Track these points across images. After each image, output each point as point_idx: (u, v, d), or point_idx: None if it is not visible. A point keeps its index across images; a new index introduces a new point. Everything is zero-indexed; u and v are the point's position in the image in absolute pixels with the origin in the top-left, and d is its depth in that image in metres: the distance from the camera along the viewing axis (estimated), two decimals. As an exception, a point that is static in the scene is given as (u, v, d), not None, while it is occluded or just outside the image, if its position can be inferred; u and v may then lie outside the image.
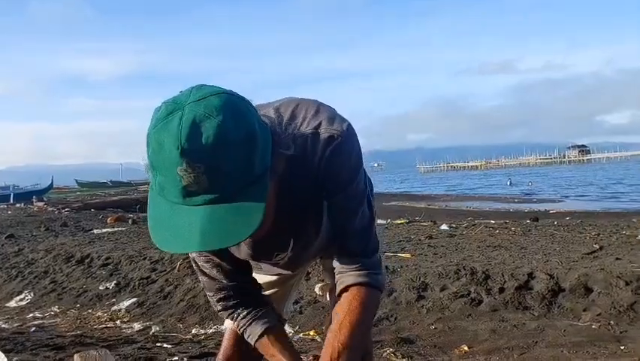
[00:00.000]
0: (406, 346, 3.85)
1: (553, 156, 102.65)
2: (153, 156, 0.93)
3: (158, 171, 0.94)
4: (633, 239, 6.26)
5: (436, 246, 6.28)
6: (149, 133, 0.94)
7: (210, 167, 0.90)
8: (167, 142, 0.90)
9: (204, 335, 4.35)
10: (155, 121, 0.93)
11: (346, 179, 1.15)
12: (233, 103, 0.95)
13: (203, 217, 0.92)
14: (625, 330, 3.80)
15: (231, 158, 0.91)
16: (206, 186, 0.91)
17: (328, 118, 1.14)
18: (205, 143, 0.89)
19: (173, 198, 0.94)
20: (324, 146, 1.11)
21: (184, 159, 0.89)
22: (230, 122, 0.91)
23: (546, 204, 18.73)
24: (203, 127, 0.89)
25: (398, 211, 14.66)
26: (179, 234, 0.93)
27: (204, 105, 0.91)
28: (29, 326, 4.88)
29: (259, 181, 0.96)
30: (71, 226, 10.94)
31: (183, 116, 0.90)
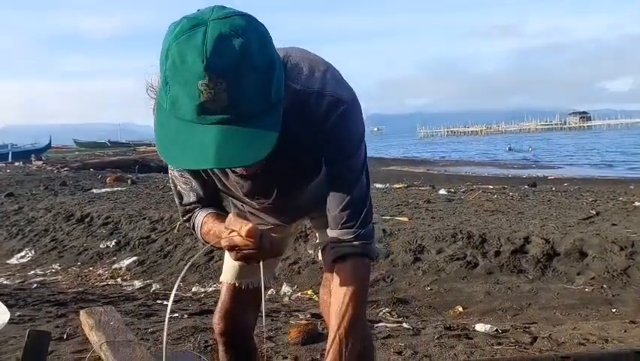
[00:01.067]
0: (402, 306, 3.93)
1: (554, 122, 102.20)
2: (172, 69, 0.92)
3: (175, 84, 0.92)
4: (630, 205, 6.30)
5: (433, 210, 6.32)
6: (169, 45, 0.92)
7: (232, 85, 0.90)
8: (191, 55, 0.89)
9: (204, 293, 4.43)
10: (177, 33, 0.92)
11: (350, 149, 1.15)
12: (257, 27, 0.95)
13: (217, 135, 0.92)
14: (617, 293, 3.87)
15: (252, 79, 0.92)
16: (224, 105, 0.91)
17: (336, 81, 1.14)
18: (230, 59, 0.89)
19: (186, 114, 0.93)
20: (329, 109, 1.10)
21: (208, 72, 0.88)
22: (255, 43, 0.92)
23: (545, 170, 18.77)
24: (229, 43, 0.90)
25: (397, 175, 14.69)
26: (192, 151, 0.93)
27: (230, 23, 0.92)
28: (31, 282, 4.95)
29: (274, 109, 0.96)
30: (70, 186, 10.96)
31: (208, 31, 0.90)
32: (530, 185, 10.04)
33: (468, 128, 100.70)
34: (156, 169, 16.72)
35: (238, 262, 1.51)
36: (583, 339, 2.84)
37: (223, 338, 1.54)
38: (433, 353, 2.57)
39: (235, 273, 1.52)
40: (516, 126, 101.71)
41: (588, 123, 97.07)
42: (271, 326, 3.02)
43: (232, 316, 1.52)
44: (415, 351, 2.59)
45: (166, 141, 0.97)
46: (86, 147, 41.80)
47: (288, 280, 4.55)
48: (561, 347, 2.69)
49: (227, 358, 1.57)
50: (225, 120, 0.92)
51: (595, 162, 23.02)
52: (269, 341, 2.71)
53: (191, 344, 2.67)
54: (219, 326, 1.53)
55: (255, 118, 0.94)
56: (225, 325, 1.52)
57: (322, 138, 1.12)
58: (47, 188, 10.56)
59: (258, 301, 1.61)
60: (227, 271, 1.55)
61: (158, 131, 0.98)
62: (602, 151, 29.19)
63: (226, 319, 1.52)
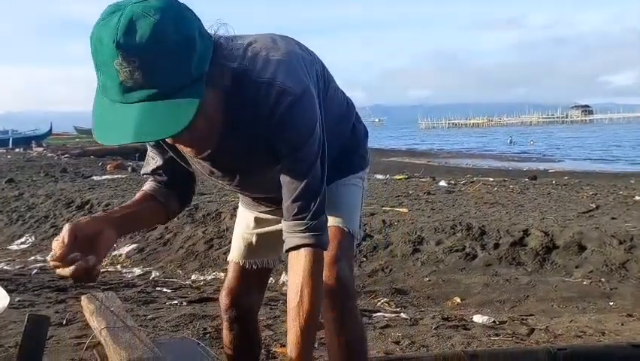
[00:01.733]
0: (400, 296, 3.94)
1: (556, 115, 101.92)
2: (95, 54, 0.98)
3: (100, 68, 0.99)
4: (630, 199, 6.30)
5: (433, 201, 6.33)
6: (92, 31, 0.99)
7: (144, 62, 0.95)
8: (105, 37, 0.96)
9: (203, 281, 4.45)
10: (98, 20, 0.99)
11: (298, 141, 1.15)
12: (174, 7, 1.00)
13: (138, 112, 0.98)
14: (615, 287, 3.89)
15: (166, 56, 0.96)
16: (141, 82, 0.96)
17: (288, 72, 1.14)
18: (140, 39, 0.95)
19: (113, 95, 0.99)
20: (277, 100, 1.12)
21: (119, 51, 0.94)
22: (168, 22, 0.96)
23: (545, 163, 18.76)
24: (140, 24, 0.95)
25: (398, 167, 14.68)
26: (116, 127, 1.00)
27: (144, 5, 0.97)
28: (31, 268, 4.96)
29: (194, 84, 1.00)
30: (71, 172, 10.97)
31: (123, 14, 0.96)
32: (531, 178, 10.04)
33: (469, 121, 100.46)
34: (157, 157, 16.69)
35: (244, 242, 1.55)
36: (580, 332, 2.86)
37: (228, 314, 1.57)
38: (431, 343, 2.58)
39: (240, 253, 1.57)
40: (517, 119, 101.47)
41: (590, 117, 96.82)
42: (269, 314, 3.04)
43: (237, 294, 1.56)
44: (412, 341, 2.60)
45: (97, 120, 1.04)
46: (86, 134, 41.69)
47: (287, 268, 4.56)
48: (558, 339, 2.71)
49: (230, 336, 1.60)
50: (146, 97, 0.98)
51: (596, 155, 22.99)
52: (267, 329, 2.72)
53: (189, 331, 2.68)
54: (224, 302, 1.57)
55: (176, 93, 0.99)
56: (230, 301, 1.56)
57: (271, 129, 1.14)
58: (48, 174, 10.56)
59: (262, 284, 1.64)
60: (233, 250, 1.59)
61: (94, 111, 1.05)
62: (604, 145, 29.14)
63: (231, 296, 1.56)
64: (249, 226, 1.56)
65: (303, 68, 1.21)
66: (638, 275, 3.99)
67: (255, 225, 1.55)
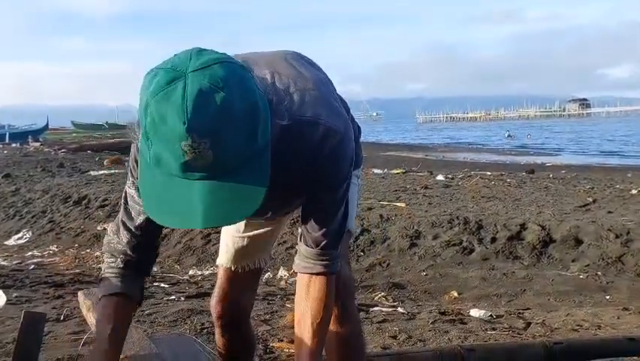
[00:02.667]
0: (397, 291, 3.95)
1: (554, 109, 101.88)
2: (152, 128, 0.87)
3: (156, 142, 0.88)
4: (627, 193, 6.32)
5: (431, 196, 6.33)
6: (146, 101, 0.87)
7: (216, 142, 0.86)
8: (171, 115, 0.84)
9: (201, 276, 4.45)
10: (154, 89, 0.86)
11: (337, 181, 1.14)
12: (237, 74, 0.90)
13: (203, 193, 0.88)
14: (612, 281, 3.90)
15: (236, 132, 0.87)
16: (209, 161, 0.87)
17: (329, 109, 1.12)
18: (212, 117, 0.85)
19: (171, 170, 0.89)
20: (322, 138, 1.09)
21: (190, 134, 0.84)
22: (236, 94, 0.87)
23: (543, 157, 18.78)
24: (211, 100, 0.85)
25: (395, 161, 14.68)
26: (178, 209, 0.90)
27: (209, 75, 0.86)
28: (28, 263, 4.96)
29: (261, 154, 0.93)
30: (68, 167, 10.94)
31: (187, 86, 0.85)
32: (528, 172, 10.05)
33: (467, 114, 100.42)
34: (154, 152, 16.65)
35: (234, 245, 1.53)
36: (576, 325, 2.87)
37: (220, 322, 1.56)
38: (428, 337, 2.59)
39: (230, 257, 1.53)
40: (515, 113, 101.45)
41: (587, 110, 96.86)
42: (267, 309, 3.04)
43: (229, 300, 1.54)
44: (409, 335, 2.61)
45: (152, 196, 0.94)
46: (83, 129, 41.60)
47: (285, 263, 4.57)
48: (554, 333, 2.72)
49: (223, 341, 1.59)
50: (211, 175, 0.89)
51: (593, 149, 23.02)
52: (265, 324, 2.73)
53: (187, 326, 2.69)
54: (216, 309, 1.54)
55: (242, 168, 0.91)
56: (222, 308, 1.54)
57: (314, 167, 1.11)
58: (45, 169, 10.53)
59: (254, 284, 1.63)
60: (222, 255, 1.55)
61: (143, 184, 0.95)
62: (601, 138, 29.17)
63: (223, 302, 1.54)
64: (240, 230, 1.52)
65: (333, 93, 1.20)
66: (634, 269, 4.01)
67: (246, 228, 1.52)
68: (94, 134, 31.20)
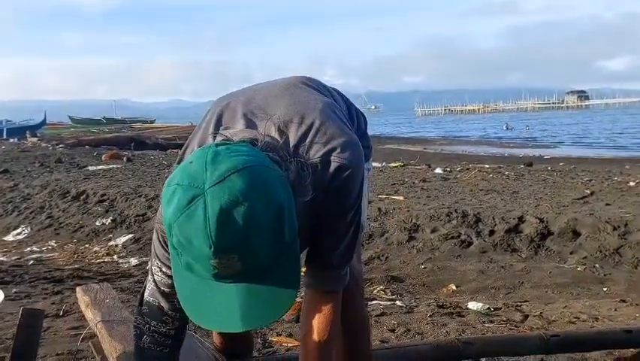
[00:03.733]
0: (396, 284, 3.96)
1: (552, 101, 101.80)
2: (180, 246, 0.89)
3: (186, 257, 0.89)
4: (625, 185, 6.33)
5: (429, 189, 6.34)
6: (169, 223, 0.88)
7: (244, 253, 0.87)
8: (196, 239, 0.85)
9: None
10: (175, 210, 0.87)
11: (349, 207, 1.14)
12: (257, 179, 0.88)
13: (240, 296, 0.90)
14: (609, 273, 3.92)
15: (263, 238, 0.88)
16: (240, 269, 0.88)
17: (339, 142, 1.11)
18: (237, 234, 0.85)
19: (203, 275, 0.90)
20: (334, 174, 1.09)
21: (217, 254, 0.85)
22: (259, 204, 0.86)
23: (541, 149, 18.78)
24: (232, 218, 0.84)
25: (393, 154, 14.67)
26: (217, 311, 0.91)
27: (228, 190, 0.85)
28: (27, 259, 4.96)
29: (290, 249, 0.93)
30: (66, 163, 10.92)
31: (207, 206, 0.84)
32: (526, 164, 10.06)
33: (465, 107, 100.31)
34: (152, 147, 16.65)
35: None
36: (573, 317, 2.88)
37: None
38: (426, 330, 2.60)
39: None
40: (514, 105, 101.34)
41: (586, 102, 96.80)
42: (266, 303, 3.05)
43: None
44: (407, 329, 2.62)
45: (188, 297, 0.94)
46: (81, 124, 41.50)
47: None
48: (552, 325, 2.73)
49: (220, 338, 1.60)
50: (244, 279, 0.90)
51: (591, 141, 23.03)
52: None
53: (186, 321, 2.69)
54: None
55: (274, 266, 0.91)
56: None
57: (325, 201, 1.11)
58: (43, 165, 10.52)
59: None
60: None
61: (178, 285, 0.96)
62: (599, 130, 29.18)
63: None
64: None
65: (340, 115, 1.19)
66: (631, 261, 4.02)
67: None
68: (91, 129, 31.13)
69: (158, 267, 1.15)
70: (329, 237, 1.16)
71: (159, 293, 1.16)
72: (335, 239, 1.17)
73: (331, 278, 1.19)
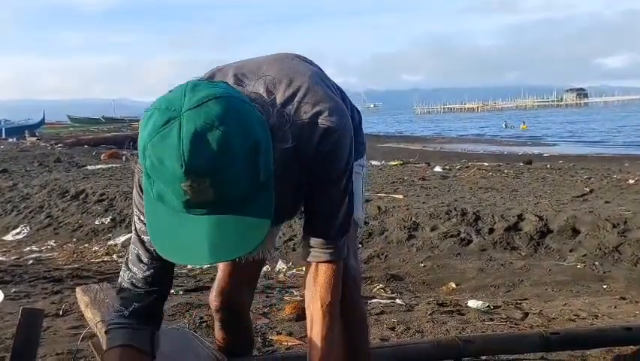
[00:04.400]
0: (396, 282, 3.97)
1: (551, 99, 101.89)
2: (152, 170, 0.88)
3: (158, 182, 0.89)
4: (624, 183, 6.33)
5: (428, 187, 6.34)
6: (144, 144, 0.88)
7: (216, 180, 0.86)
8: (169, 159, 0.85)
9: (199, 269, 4.45)
10: (150, 131, 0.87)
11: (337, 173, 1.14)
12: (234, 109, 0.88)
13: (208, 228, 0.89)
14: (609, 270, 3.92)
15: (237, 168, 0.87)
16: (211, 198, 0.87)
17: (326, 106, 1.12)
18: (210, 157, 0.84)
19: (175, 207, 0.90)
20: (321, 138, 1.09)
21: (188, 175, 0.84)
22: (234, 131, 0.86)
23: (540, 147, 18.80)
24: (206, 140, 0.84)
25: (393, 152, 14.68)
26: (185, 245, 0.90)
27: (204, 114, 0.85)
28: (26, 259, 4.96)
29: (265, 187, 0.93)
30: (65, 162, 10.92)
31: (182, 127, 0.84)
32: (526, 162, 10.07)
33: (464, 105, 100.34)
34: (151, 146, 16.60)
35: None
36: (573, 315, 2.88)
37: (219, 315, 1.57)
38: (426, 328, 2.60)
39: None
40: (513, 103, 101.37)
41: (585, 100, 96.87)
42: (266, 302, 3.05)
43: (228, 293, 1.54)
44: (407, 327, 2.62)
45: (158, 231, 0.94)
46: (80, 123, 41.48)
47: (284, 257, 4.58)
48: (552, 323, 2.73)
49: (222, 334, 1.60)
50: (215, 211, 0.89)
51: (591, 139, 23.05)
52: (263, 318, 2.73)
53: (186, 320, 2.69)
54: (215, 302, 1.55)
55: (246, 201, 0.90)
56: (221, 302, 1.54)
57: (313, 166, 1.12)
58: (41, 164, 10.51)
59: (254, 277, 1.63)
60: None
61: (149, 220, 0.96)
62: (598, 128, 29.19)
63: (222, 296, 1.54)
64: None
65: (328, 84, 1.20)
66: (631, 259, 4.02)
67: None
68: (90, 129, 31.12)
69: (137, 216, 1.14)
70: (323, 205, 1.17)
71: (139, 241, 1.14)
72: (329, 207, 1.17)
73: (330, 249, 1.19)
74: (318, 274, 1.20)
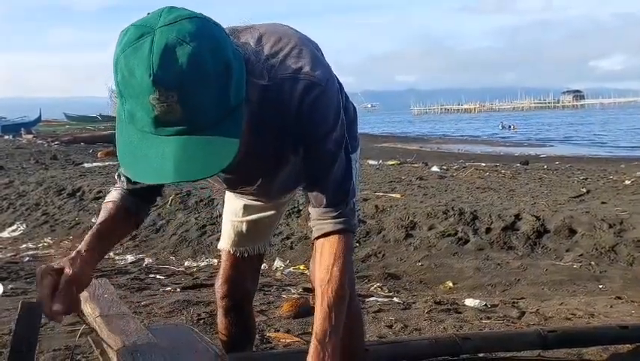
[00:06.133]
0: (393, 281, 3.98)
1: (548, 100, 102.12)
2: (123, 83, 0.89)
3: (128, 98, 0.90)
4: (620, 184, 6.36)
5: (426, 187, 6.35)
6: (117, 58, 0.89)
7: (184, 96, 0.87)
8: (138, 69, 0.86)
9: (196, 267, 4.45)
10: (124, 45, 0.88)
11: (325, 130, 1.12)
12: (208, 29, 0.90)
13: (176, 148, 0.90)
14: (605, 270, 3.94)
15: (206, 88, 0.88)
16: (179, 116, 0.88)
17: (310, 62, 1.10)
18: (179, 70, 0.85)
19: (144, 127, 0.91)
20: (303, 93, 1.07)
21: (157, 87, 0.85)
22: (206, 49, 0.87)
23: (537, 148, 18.85)
24: (177, 53, 0.85)
25: (390, 152, 14.69)
26: (152, 164, 0.91)
27: (177, 30, 0.87)
28: (23, 256, 4.95)
29: (234, 113, 0.93)
30: (61, 159, 10.88)
31: (154, 41, 0.86)
32: (522, 163, 10.09)
33: (461, 106, 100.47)
34: (148, 144, 16.57)
35: (233, 230, 1.55)
36: (570, 314, 2.89)
37: (224, 302, 1.58)
38: (423, 326, 2.61)
39: (230, 241, 1.56)
40: (509, 104, 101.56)
41: (582, 102, 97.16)
42: (263, 299, 3.05)
43: (233, 282, 1.57)
44: (405, 325, 2.62)
45: (126, 152, 0.95)
46: (76, 121, 41.35)
47: (281, 254, 4.58)
48: (548, 322, 2.74)
49: (225, 323, 1.61)
50: (183, 131, 0.90)
51: (587, 140, 23.13)
52: (261, 315, 2.74)
53: (183, 317, 2.69)
54: (221, 290, 1.57)
55: (215, 125, 0.91)
56: (227, 289, 1.57)
57: (297, 124, 1.10)
58: (38, 162, 10.48)
59: (256, 269, 1.65)
60: (223, 239, 1.58)
61: (119, 142, 0.96)
62: (595, 130, 29.30)
63: (227, 284, 1.57)
64: (237, 214, 1.54)
65: (319, 50, 1.18)
66: (627, 259, 4.04)
67: (244, 212, 1.54)
68: (87, 127, 31.03)
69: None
70: (314, 169, 1.14)
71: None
72: (320, 169, 1.14)
73: (329, 218, 1.15)
74: (322, 250, 1.16)
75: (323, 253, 1.16)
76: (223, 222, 1.59)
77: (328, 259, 1.15)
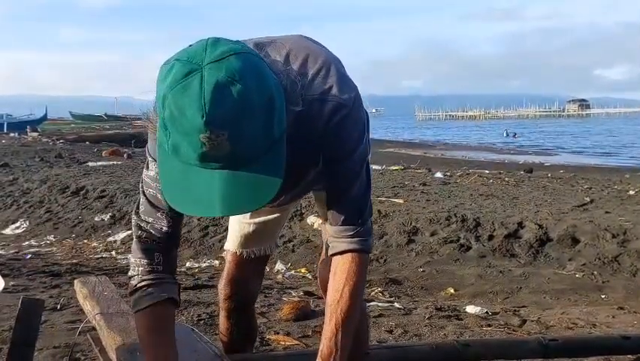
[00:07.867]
0: (394, 286, 3.96)
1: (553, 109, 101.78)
2: (171, 121, 0.89)
3: (175, 133, 0.90)
4: (624, 194, 6.33)
5: (429, 193, 6.34)
6: (164, 94, 0.89)
7: (234, 133, 0.88)
8: (190, 108, 0.86)
9: (198, 268, 4.45)
10: (171, 82, 0.88)
11: (350, 148, 1.14)
12: (254, 64, 0.91)
13: (222, 182, 0.91)
14: (607, 280, 3.92)
15: (253, 123, 0.89)
16: (227, 152, 0.89)
17: (338, 83, 1.12)
18: (230, 110, 0.87)
19: (189, 159, 0.91)
20: (331, 114, 1.10)
21: (208, 127, 0.86)
22: (253, 85, 0.89)
23: (541, 156, 18.80)
24: (228, 93, 0.86)
25: (394, 158, 14.68)
26: (198, 197, 0.92)
27: (226, 68, 0.88)
28: (25, 253, 4.96)
29: (277, 144, 0.95)
30: (66, 158, 10.92)
31: (204, 79, 0.86)
32: (526, 171, 10.06)
33: (466, 113, 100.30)
34: (153, 144, 16.63)
35: (240, 231, 1.55)
36: (571, 323, 2.88)
37: (227, 303, 1.58)
38: (423, 332, 2.60)
39: (237, 242, 1.56)
40: (515, 112, 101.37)
41: (587, 111, 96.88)
42: (264, 302, 3.05)
43: (237, 283, 1.57)
44: (405, 330, 2.62)
45: (170, 183, 0.96)
46: (82, 120, 41.52)
47: (282, 257, 4.57)
48: (549, 331, 2.73)
49: (227, 324, 1.61)
50: (229, 165, 0.91)
51: (592, 150, 23.06)
52: (261, 317, 2.73)
53: (184, 317, 2.69)
54: (225, 291, 1.57)
55: (259, 158, 0.93)
56: (231, 290, 1.57)
57: (323, 142, 1.12)
58: (43, 160, 10.51)
59: (260, 271, 1.65)
60: (229, 240, 1.58)
61: (162, 172, 0.97)
62: (600, 139, 29.21)
63: (231, 285, 1.57)
64: (245, 216, 1.54)
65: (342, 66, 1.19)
66: (630, 269, 4.02)
67: (252, 214, 1.53)
68: (92, 126, 31.14)
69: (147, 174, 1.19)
70: (337, 185, 1.16)
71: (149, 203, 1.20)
72: (344, 186, 1.15)
73: (346, 237, 1.17)
74: (337, 268, 1.17)
75: (336, 272, 1.18)
76: (230, 223, 1.59)
77: (340, 278, 1.16)
